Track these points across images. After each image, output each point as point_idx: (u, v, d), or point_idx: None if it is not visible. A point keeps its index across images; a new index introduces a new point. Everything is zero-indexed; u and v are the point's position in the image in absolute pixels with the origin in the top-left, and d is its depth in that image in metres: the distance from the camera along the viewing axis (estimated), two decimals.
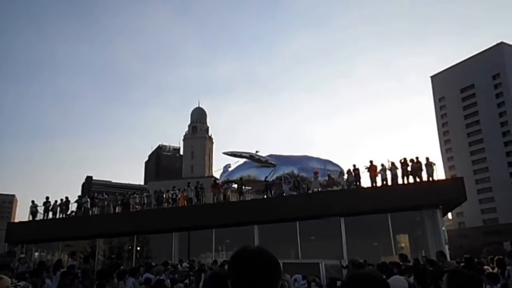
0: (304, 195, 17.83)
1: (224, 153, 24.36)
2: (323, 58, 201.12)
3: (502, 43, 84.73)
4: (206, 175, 71.93)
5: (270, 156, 23.07)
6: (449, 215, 52.73)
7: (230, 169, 24.42)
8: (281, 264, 1.30)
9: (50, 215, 20.73)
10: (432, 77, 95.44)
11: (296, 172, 20.64)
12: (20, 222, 22.85)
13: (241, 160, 24.20)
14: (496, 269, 7.25)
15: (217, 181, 21.16)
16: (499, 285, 6.03)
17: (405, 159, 16.96)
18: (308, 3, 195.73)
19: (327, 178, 18.24)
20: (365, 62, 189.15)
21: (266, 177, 19.84)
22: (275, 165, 21.56)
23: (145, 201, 20.03)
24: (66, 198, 21.11)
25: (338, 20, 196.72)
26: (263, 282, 1.16)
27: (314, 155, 23.20)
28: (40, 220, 20.73)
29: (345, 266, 12.41)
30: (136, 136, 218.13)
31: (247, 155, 23.38)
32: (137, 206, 20.01)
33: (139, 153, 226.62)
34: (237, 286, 1.18)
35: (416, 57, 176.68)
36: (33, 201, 21.15)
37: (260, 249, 1.24)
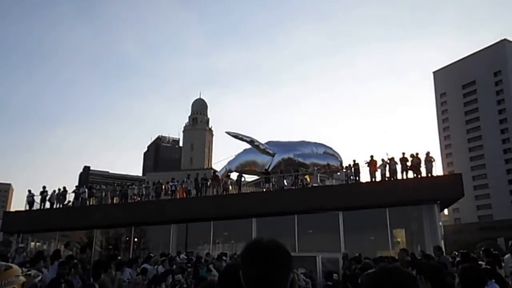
0: (303, 189, 17.84)
1: (227, 132, 24.73)
2: (326, 53, 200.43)
3: (504, 40, 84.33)
4: (205, 167, 71.81)
5: (269, 143, 23.22)
6: (445, 211, 53.15)
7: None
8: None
9: (47, 205, 20.66)
10: (434, 72, 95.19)
11: (293, 158, 20.68)
12: (17, 212, 22.70)
13: (241, 149, 24.44)
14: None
15: (217, 173, 21.21)
16: (493, 280, 6.18)
17: (404, 154, 16.95)
18: None
19: (326, 167, 18.27)
20: (368, 57, 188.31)
21: (266, 169, 19.81)
22: (273, 154, 21.55)
23: (144, 193, 19.98)
24: (64, 188, 21.04)
25: (341, 15, 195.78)
26: (276, 274, 1.17)
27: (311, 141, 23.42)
28: (37, 209, 20.63)
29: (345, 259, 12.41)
30: (135, 127, 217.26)
31: (248, 139, 23.70)
32: (135, 197, 19.95)
33: (138, 144, 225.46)
34: (250, 277, 1.18)
35: (419, 52, 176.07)
36: (29, 191, 21.07)
37: (274, 242, 1.23)
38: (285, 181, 18.31)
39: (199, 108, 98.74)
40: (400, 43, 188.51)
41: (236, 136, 24.18)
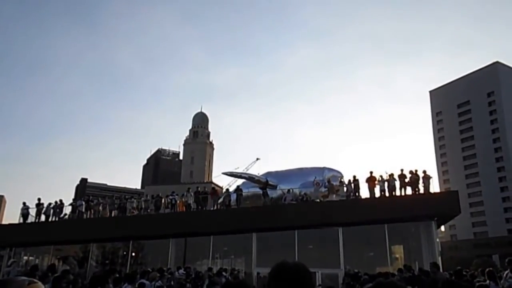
0: (303, 204, 17.84)
1: (224, 173, 24.51)
2: (323, 70, 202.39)
3: (497, 62, 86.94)
4: (205, 181, 71.16)
5: (267, 174, 22.50)
6: (442, 227, 53.06)
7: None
8: None
9: (43, 218, 20.33)
10: (431, 92, 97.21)
11: (296, 191, 20.01)
12: (10, 224, 22.23)
13: (242, 164, 24.16)
14: (488, 281, 7.37)
15: (216, 189, 21.04)
16: None
17: (402, 170, 17.16)
18: (311, 17, 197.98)
19: (327, 187, 18.23)
20: (364, 75, 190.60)
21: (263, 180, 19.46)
22: (275, 186, 20.70)
23: (143, 206, 19.79)
24: (60, 200, 20.77)
25: (339, 34, 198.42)
26: None
27: (310, 166, 22.97)
28: (31, 222, 20.27)
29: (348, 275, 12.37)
30: (135, 139, 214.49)
31: (246, 176, 23.36)
32: (134, 211, 19.75)
33: (137, 156, 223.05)
34: None
35: (415, 71, 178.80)
36: (24, 203, 20.66)
37: (299, 263, 1.42)
38: (286, 195, 18.28)
39: (200, 122, 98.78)
40: (397, 62, 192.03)
41: (234, 175, 23.95)
